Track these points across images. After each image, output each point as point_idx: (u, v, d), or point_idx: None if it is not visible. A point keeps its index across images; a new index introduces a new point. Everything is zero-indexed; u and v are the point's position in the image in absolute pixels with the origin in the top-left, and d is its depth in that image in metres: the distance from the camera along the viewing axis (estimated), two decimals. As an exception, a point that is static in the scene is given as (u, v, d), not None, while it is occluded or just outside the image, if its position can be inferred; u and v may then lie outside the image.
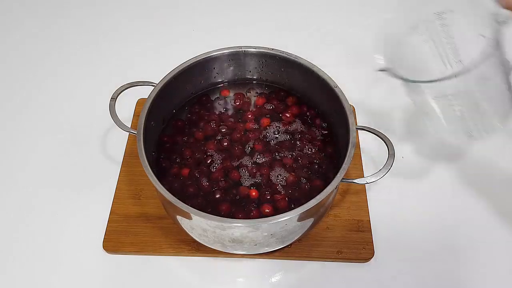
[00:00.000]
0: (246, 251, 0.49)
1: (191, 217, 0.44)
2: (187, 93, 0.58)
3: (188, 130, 0.56)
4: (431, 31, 0.51)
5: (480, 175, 0.63)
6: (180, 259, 0.55)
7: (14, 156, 0.64)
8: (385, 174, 0.46)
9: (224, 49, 0.55)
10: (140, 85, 0.53)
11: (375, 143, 0.66)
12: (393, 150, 0.48)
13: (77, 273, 0.54)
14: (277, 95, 0.59)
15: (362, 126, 0.50)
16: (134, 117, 0.67)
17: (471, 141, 0.54)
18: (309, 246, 0.55)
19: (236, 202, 0.50)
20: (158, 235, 0.55)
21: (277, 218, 0.42)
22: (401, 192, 0.62)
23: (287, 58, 0.55)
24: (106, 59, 0.78)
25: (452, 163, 0.64)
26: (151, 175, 0.44)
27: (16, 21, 0.84)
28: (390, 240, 0.57)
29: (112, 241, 0.55)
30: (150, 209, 0.58)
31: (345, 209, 0.58)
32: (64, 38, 0.82)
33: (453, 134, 0.50)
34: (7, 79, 0.74)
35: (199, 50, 0.55)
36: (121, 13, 0.86)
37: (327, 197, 0.44)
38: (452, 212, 0.60)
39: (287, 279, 0.54)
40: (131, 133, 0.50)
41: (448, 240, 0.57)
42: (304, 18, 0.87)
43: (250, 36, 0.78)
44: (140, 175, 0.60)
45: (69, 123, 0.68)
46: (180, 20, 0.85)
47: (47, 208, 0.59)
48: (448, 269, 0.55)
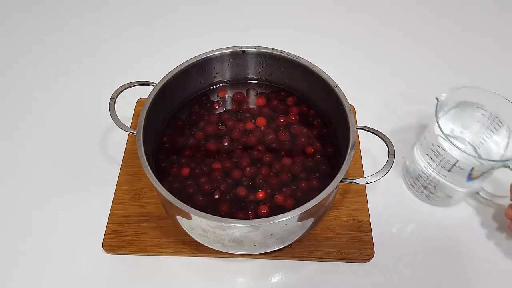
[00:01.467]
0: (246, 251, 0.49)
1: (191, 217, 0.44)
2: (187, 93, 0.58)
3: (188, 130, 0.56)
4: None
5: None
6: (180, 259, 0.55)
7: (13, 156, 0.64)
8: (386, 174, 0.46)
9: (224, 49, 0.55)
10: (140, 85, 0.53)
11: (375, 143, 0.66)
12: (393, 150, 0.47)
13: (77, 273, 0.54)
14: (277, 95, 0.59)
15: (362, 126, 0.50)
16: (134, 117, 0.67)
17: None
18: (309, 246, 0.55)
19: (236, 202, 0.50)
20: (158, 235, 0.55)
21: (277, 218, 0.42)
22: (401, 192, 0.62)
23: (287, 58, 0.55)
24: (106, 58, 0.78)
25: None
26: (151, 175, 0.44)
27: (16, 21, 0.84)
28: (390, 240, 0.57)
29: (112, 241, 0.55)
30: (150, 209, 0.57)
31: (345, 209, 0.58)
32: (63, 38, 0.81)
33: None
34: (7, 79, 0.74)
35: (199, 50, 0.55)
36: (121, 13, 0.86)
37: (327, 197, 0.43)
38: (452, 212, 0.60)
39: (287, 279, 0.54)
40: (131, 133, 0.50)
41: (448, 240, 0.57)
42: (304, 18, 0.87)
43: (250, 36, 0.78)
44: (140, 175, 0.60)
45: (69, 123, 0.68)
46: (180, 20, 0.85)
47: (46, 208, 0.59)
48: (448, 269, 0.55)
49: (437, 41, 0.83)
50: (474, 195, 0.60)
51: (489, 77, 0.75)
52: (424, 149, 0.55)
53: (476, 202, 0.60)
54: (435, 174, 0.55)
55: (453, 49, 0.81)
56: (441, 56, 0.80)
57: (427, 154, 0.54)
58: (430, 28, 0.86)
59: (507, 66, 0.78)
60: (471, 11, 0.89)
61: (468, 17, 0.88)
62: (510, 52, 0.81)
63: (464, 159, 0.49)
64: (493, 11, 0.89)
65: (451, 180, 0.54)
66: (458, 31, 0.85)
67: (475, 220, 0.59)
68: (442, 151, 0.51)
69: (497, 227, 0.58)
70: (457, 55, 0.80)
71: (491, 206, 0.60)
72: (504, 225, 0.58)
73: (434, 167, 0.54)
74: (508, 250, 0.56)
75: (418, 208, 0.60)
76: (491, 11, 0.89)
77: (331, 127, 0.56)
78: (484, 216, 0.59)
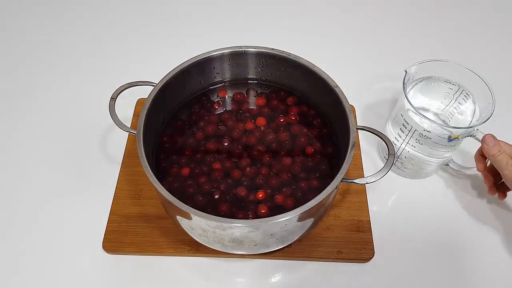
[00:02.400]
0: (246, 251, 0.49)
1: (191, 217, 0.44)
2: (187, 93, 0.58)
3: (188, 130, 0.56)
4: None
5: (481, 175, 0.63)
6: (180, 259, 0.55)
7: (13, 156, 0.64)
8: (385, 174, 0.46)
9: (224, 49, 0.55)
10: (140, 85, 0.53)
11: (375, 143, 0.67)
12: (393, 150, 0.48)
13: (77, 273, 0.54)
14: (277, 95, 0.59)
15: (362, 126, 0.50)
16: (134, 117, 0.67)
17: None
18: (309, 246, 0.55)
19: (236, 202, 0.50)
20: (158, 235, 0.55)
21: (277, 218, 0.42)
22: (401, 192, 0.62)
23: (287, 58, 0.55)
24: (106, 58, 0.78)
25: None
26: (151, 175, 0.44)
27: (16, 21, 0.84)
28: (390, 240, 0.57)
29: (112, 241, 0.55)
30: (150, 209, 0.57)
31: (345, 209, 0.58)
32: (63, 38, 0.81)
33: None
34: (7, 79, 0.74)
35: (199, 50, 0.55)
36: (121, 13, 0.86)
37: (327, 197, 0.43)
38: (453, 212, 0.60)
39: (287, 279, 0.54)
40: (131, 133, 0.50)
41: (449, 240, 0.57)
42: (304, 18, 0.87)
43: (250, 36, 0.79)
44: (140, 175, 0.60)
45: (69, 123, 0.68)
46: (180, 20, 0.85)
47: (46, 208, 0.59)
48: (448, 269, 0.55)
49: (437, 41, 0.83)
50: (445, 167, 0.63)
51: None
52: (395, 122, 0.58)
53: (448, 174, 0.64)
54: (405, 146, 0.58)
55: (453, 48, 0.82)
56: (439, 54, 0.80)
57: (397, 127, 0.57)
58: (430, 28, 0.86)
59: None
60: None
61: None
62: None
63: (434, 129, 0.53)
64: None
65: (420, 151, 0.57)
66: (456, 32, 0.85)
67: (475, 220, 0.59)
68: (411, 122, 0.54)
69: (497, 226, 0.58)
70: (464, 56, 0.80)
71: (461, 177, 0.63)
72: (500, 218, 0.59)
73: (404, 138, 0.57)
74: (508, 248, 0.56)
75: (418, 208, 0.60)
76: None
77: (331, 127, 0.56)
78: (485, 216, 0.59)
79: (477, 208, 0.60)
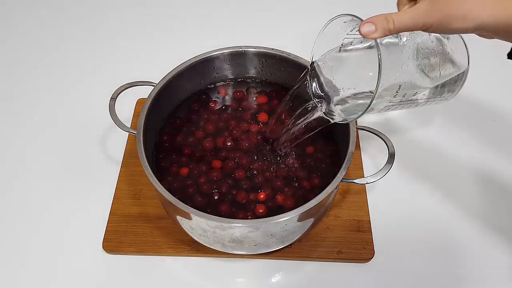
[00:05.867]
0: (246, 251, 0.49)
1: (191, 217, 0.44)
2: (187, 93, 0.58)
3: (188, 129, 0.56)
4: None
5: (481, 175, 0.63)
6: (180, 259, 0.55)
7: (13, 156, 0.64)
8: (385, 174, 0.46)
9: (224, 49, 0.55)
10: (140, 85, 0.53)
11: (375, 143, 0.66)
12: (393, 150, 0.48)
13: (77, 273, 0.54)
14: (277, 95, 0.59)
15: (362, 126, 0.50)
16: (134, 117, 0.67)
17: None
18: (309, 246, 0.55)
19: (236, 202, 0.50)
20: (158, 235, 0.55)
21: (277, 218, 0.42)
22: (401, 192, 0.62)
23: (287, 58, 0.55)
24: (106, 59, 0.78)
25: (452, 163, 0.64)
26: (151, 175, 0.44)
27: (16, 21, 0.84)
28: (390, 240, 0.57)
29: (112, 241, 0.55)
30: (150, 209, 0.57)
31: (345, 209, 0.58)
32: (64, 38, 0.81)
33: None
34: (7, 79, 0.74)
35: (199, 50, 0.55)
36: (121, 13, 0.86)
37: (327, 197, 0.43)
38: (453, 213, 0.60)
39: (287, 279, 0.54)
40: (131, 133, 0.50)
41: (448, 240, 0.57)
42: (304, 18, 0.87)
43: (250, 36, 0.78)
44: (140, 175, 0.60)
45: (69, 123, 0.68)
46: (180, 20, 0.85)
47: (47, 208, 0.59)
48: (448, 269, 0.55)
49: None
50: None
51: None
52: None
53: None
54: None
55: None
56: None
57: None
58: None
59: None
60: None
61: None
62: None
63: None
64: None
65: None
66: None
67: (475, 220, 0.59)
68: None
69: (496, 227, 0.58)
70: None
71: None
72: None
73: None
74: (507, 248, 0.56)
75: (418, 208, 0.60)
76: None
77: (331, 127, 0.56)
78: (485, 216, 0.59)
79: (477, 208, 0.60)
